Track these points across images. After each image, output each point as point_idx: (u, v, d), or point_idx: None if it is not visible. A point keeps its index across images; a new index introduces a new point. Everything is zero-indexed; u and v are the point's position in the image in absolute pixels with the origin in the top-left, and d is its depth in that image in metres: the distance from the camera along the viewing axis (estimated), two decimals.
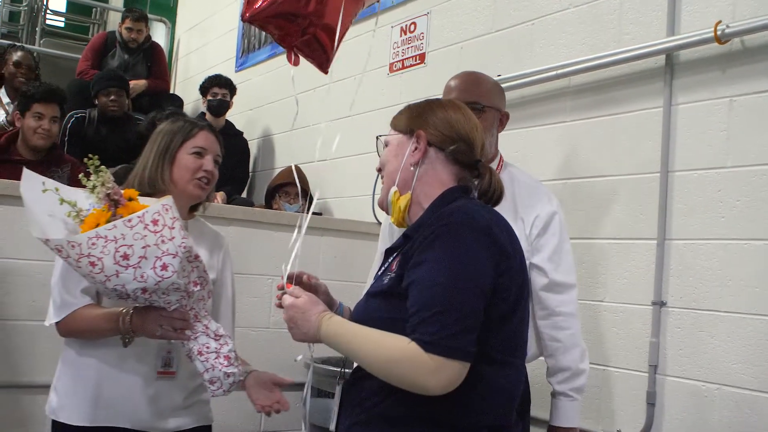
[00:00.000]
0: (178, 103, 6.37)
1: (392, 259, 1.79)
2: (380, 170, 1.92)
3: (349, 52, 4.64)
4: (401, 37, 4.57)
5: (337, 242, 4.05)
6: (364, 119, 4.57)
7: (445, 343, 1.55)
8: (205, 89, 5.69)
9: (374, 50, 4.72)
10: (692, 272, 2.90)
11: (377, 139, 1.96)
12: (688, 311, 2.90)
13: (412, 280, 1.63)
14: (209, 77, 5.76)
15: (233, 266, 2.56)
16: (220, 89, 5.63)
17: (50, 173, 3.89)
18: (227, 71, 6.27)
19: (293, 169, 2.61)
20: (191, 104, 6.80)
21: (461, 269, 1.60)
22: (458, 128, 1.84)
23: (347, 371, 1.88)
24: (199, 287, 2.09)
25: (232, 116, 5.91)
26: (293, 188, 4.74)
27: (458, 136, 1.83)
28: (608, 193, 3.21)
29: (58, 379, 2.31)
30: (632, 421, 3.01)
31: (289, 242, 1.91)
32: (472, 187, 1.84)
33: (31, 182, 2.04)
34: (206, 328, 2.13)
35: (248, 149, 5.89)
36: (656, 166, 3.04)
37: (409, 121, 1.88)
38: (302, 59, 2.26)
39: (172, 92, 7.01)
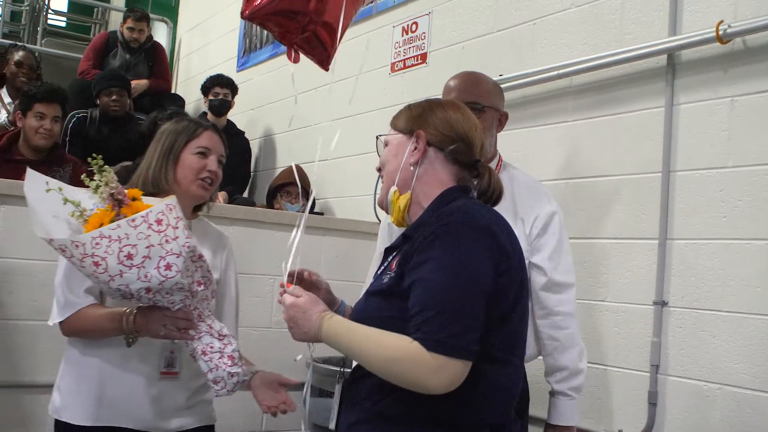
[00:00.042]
0: (179, 102, 6.37)
1: (392, 258, 1.80)
2: (380, 170, 1.92)
3: (350, 51, 4.65)
4: (403, 36, 4.57)
5: (338, 242, 4.05)
6: (365, 119, 4.57)
7: (447, 342, 1.55)
8: (206, 89, 5.69)
9: (376, 50, 4.72)
10: (694, 272, 2.90)
11: (377, 138, 1.96)
12: (689, 311, 2.90)
13: (413, 279, 1.63)
14: (211, 77, 5.77)
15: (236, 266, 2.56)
16: (221, 89, 5.64)
17: (52, 173, 3.89)
18: (229, 71, 6.27)
19: (293, 168, 2.62)
20: (193, 104, 6.80)
21: (462, 269, 1.61)
22: (457, 128, 1.84)
23: (347, 370, 1.88)
24: (202, 287, 2.08)
25: (233, 116, 5.92)
26: (295, 188, 4.74)
27: (457, 135, 1.83)
28: (610, 192, 3.21)
29: (61, 378, 2.31)
30: (634, 420, 3.01)
31: (291, 242, 1.91)
32: (471, 186, 1.84)
33: (34, 182, 2.03)
34: (210, 327, 2.12)
35: (250, 149, 5.89)
36: (658, 165, 3.03)
37: (408, 120, 1.88)
38: (303, 57, 2.26)
39: (173, 92, 7.01)
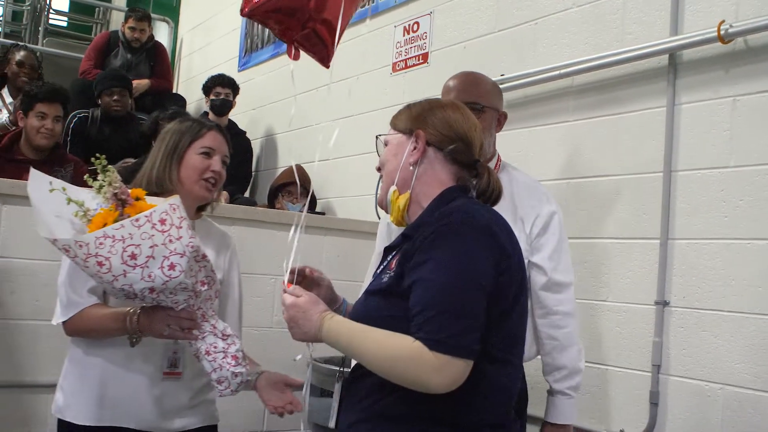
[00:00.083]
0: (180, 102, 6.37)
1: (391, 257, 1.80)
2: (380, 169, 1.93)
3: (352, 51, 4.65)
4: (404, 36, 4.57)
5: (340, 242, 4.05)
6: (367, 119, 4.57)
7: (449, 341, 1.56)
8: (208, 89, 5.69)
9: (377, 50, 4.72)
10: (695, 272, 2.90)
11: (377, 138, 1.96)
12: (691, 311, 2.90)
13: (414, 279, 1.63)
14: (212, 77, 5.77)
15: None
16: (223, 89, 5.64)
17: (53, 173, 3.89)
18: (230, 71, 6.26)
19: (293, 169, 2.62)
20: (194, 104, 6.81)
21: (463, 268, 1.61)
22: (457, 128, 1.84)
23: (346, 370, 1.88)
24: (206, 287, 2.08)
25: (234, 116, 5.92)
26: (296, 187, 4.74)
27: (457, 135, 1.83)
28: (611, 192, 3.21)
29: (64, 378, 2.31)
30: (635, 420, 3.01)
31: (292, 242, 1.91)
32: (470, 186, 1.85)
33: (38, 182, 2.03)
34: (214, 327, 2.12)
35: (251, 149, 5.89)
36: (659, 165, 3.03)
37: (408, 120, 1.88)
38: (304, 55, 2.25)
39: (175, 92, 7.02)
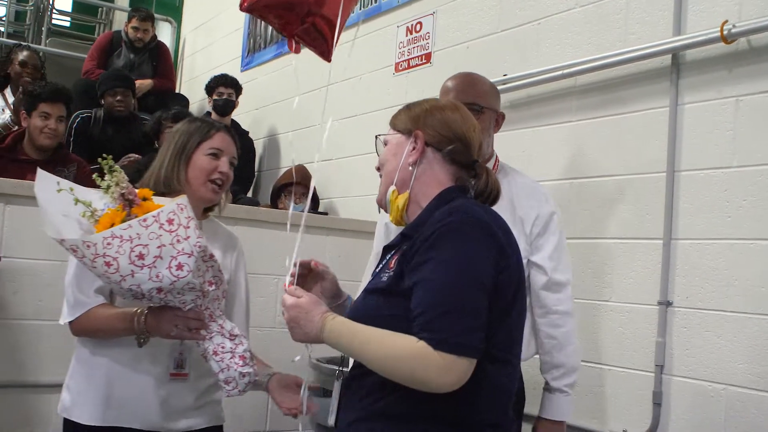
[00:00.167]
0: (183, 102, 6.38)
1: (390, 256, 1.81)
2: (379, 169, 1.93)
3: (354, 51, 4.65)
4: (407, 36, 4.57)
5: (342, 242, 4.05)
6: (369, 119, 4.57)
7: (454, 340, 1.56)
8: (210, 89, 5.70)
9: (380, 50, 4.72)
10: (698, 272, 2.89)
11: (376, 138, 1.97)
12: (694, 311, 2.90)
13: (416, 280, 1.64)
14: (215, 77, 5.77)
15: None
16: (225, 89, 5.64)
17: (56, 173, 3.87)
18: (233, 71, 6.27)
19: (293, 170, 2.62)
20: (197, 104, 6.81)
21: (465, 268, 1.62)
22: (455, 129, 1.85)
23: (345, 369, 1.89)
24: (214, 287, 2.08)
25: (237, 116, 5.92)
26: (299, 187, 4.74)
27: (455, 136, 1.84)
28: (614, 192, 3.21)
29: (71, 377, 2.31)
30: (638, 421, 3.00)
31: (294, 242, 1.92)
32: (469, 186, 1.85)
33: (45, 182, 2.03)
34: (221, 327, 2.12)
35: (254, 149, 5.89)
36: (662, 165, 3.03)
37: (407, 120, 1.89)
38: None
39: (177, 92, 7.02)
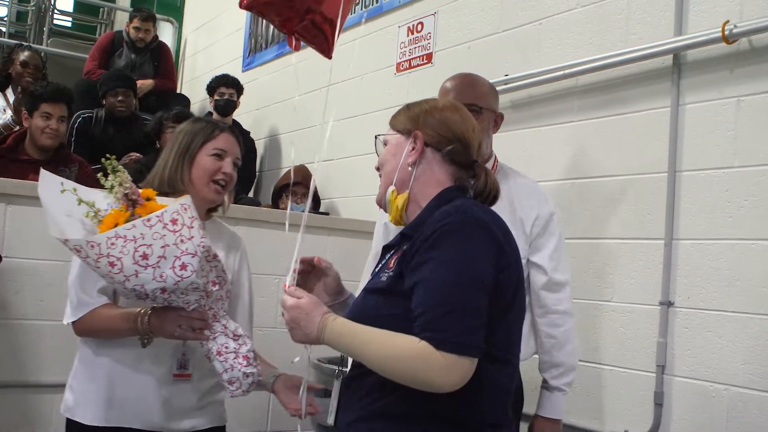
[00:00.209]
0: (184, 102, 6.38)
1: (389, 256, 1.81)
2: (379, 169, 1.94)
3: (356, 51, 4.65)
4: (408, 36, 4.57)
5: (343, 242, 4.05)
6: (371, 119, 4.57)
7: (456, 340, 1.56)
8: (212, 89, 5.70)
9: (381, 50, 4.72)
10: (700, 272, 2.89)
11: (376, 138, 1.97)
12: (695, 311, 2.90)
13: (417, 280, 1.64)
14: (216, 77, 5.77)
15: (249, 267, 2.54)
16: (227, 89, 5.64)
17: (58, 173, 3.85)
18: (234, 71, 6.27)
19: (291, 172, 2.62)
20: (198, 104, 6.81)
21: (465, 268, 1.62)
22: (454, 129, 1.85)
23: (344, 369, 1.89)
24: (217, 287, 2.08)
25: (238, 116, 5.92)
26: (300, 188, 4.75)
27: (454, 136, 1.84)
28: (616, 192, 3.21)
29: (74, 377, 2.31)
30: (640, 421, 3.00)
31: (296, 242, 1.92)
32: (468, 186, 1.85)
33: (48, 183, 2.04)
34: (225, 327, 2.12)
35: (255, 149, 5.89)
36: (664, 165, 3.03)
37: (406, 121, 1.89)
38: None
39: (178, 92, 7.03)
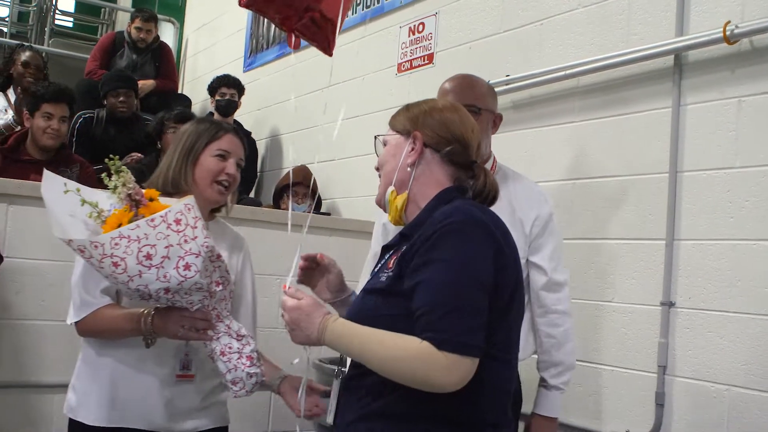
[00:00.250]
0: (186, 103, 6.38)
1: (388, 256, 1.81)
2: (378, 169, 1.94)
3: (357, 51, 4.65)
4: (409, 37, 4.57)
5: (345, 242, 4.05)
6: (372, 119, 4.57)
7: (458, 340, 1.56)
8: (213, 89, 5.70)
9: (382, 50, 4.72)
10: (701, 273, 2.89)
11: (375, 138, 1.97)
12: (696, 312, 2.89)
13: (418, 281, 1.64)
14: (217, 77, 5.78)
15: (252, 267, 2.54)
16: (228, 89, 5.64)
17: (59, 173, 3.85)
18: (235, 71, 6.27)
19: (290, 172, 2.62)
20: (199, 104, 6.81)
21: (465, 268, 1.62)
22: (453, 130, 1.85)
23: (343, 369, 1.89)
24: (221, 287, 2.08)
25: (240, 116, 5.92)
26: (301, 188, 4.75)
27: (453, 137, 1.84)
28: (617, 193, 3.21)
29: (77, 378, 2.31)
30: (641, 421, 3.00)
31: (297, 242, 1.92)
32: (467, 187, 1.86)
33: (51, 183, 2.04)
34: (228, 328, 2.12)
35: (256, 149, 5.89)
36: (665, 166, 3.03)
37: (406, 121, 1.89)
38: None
39: (180, 92, 7.03)
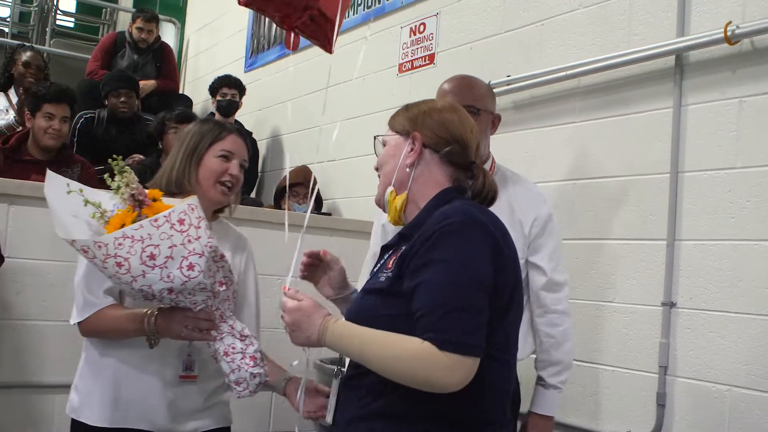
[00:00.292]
0: (187, 103, 6.39)
1: (388, 256, 1.81)
2: (378, 170, 1.95)
3: (358, 52, 4.65)
4: (411, 37, 4.57)
5: (345, 242, 4.04)
6: (373, 119, 4.57)
7: (459, 340, 1.57)
8: (214, 89, 5.71)
9: (383, 51, 4.72)
10: (702, 273, 2.89)
11: (375, 139, 1.97)
12: (698, 312, 2.89)
13: (418, 281, 1.64)
14: (218, 77, 5.78)
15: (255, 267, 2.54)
16: (229, 89, 5.65)
17: (60, 173, 3.86)
18: (236, 71, 6.28)
19: (288, 174, 2.63)
20: (200, 104, 6.82)
21: (465, 268, 1.62)
22: (453, 130, 1.85)
23: (342, 369, 1.89)
24: (224, 287, 2.08)
25: (241, 116, 5.93)
26: (302, 188, 4.75)
27: (452, 138, 1.84)
28: (618, 193, 3.21)
29: (79, 378, 2.31)
30: (642, 422, 3.00)
31: (297, 242, 1.92)
32: (466, 187, 1.86)
33: (54, 183, 2.04)
34: (232, 328, 2.11)
35: (257, 149, 5.90)
36: (666, 166, 3.03)
37: (405, 122, 1.89)
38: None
39: (181, 92, 7.04)
